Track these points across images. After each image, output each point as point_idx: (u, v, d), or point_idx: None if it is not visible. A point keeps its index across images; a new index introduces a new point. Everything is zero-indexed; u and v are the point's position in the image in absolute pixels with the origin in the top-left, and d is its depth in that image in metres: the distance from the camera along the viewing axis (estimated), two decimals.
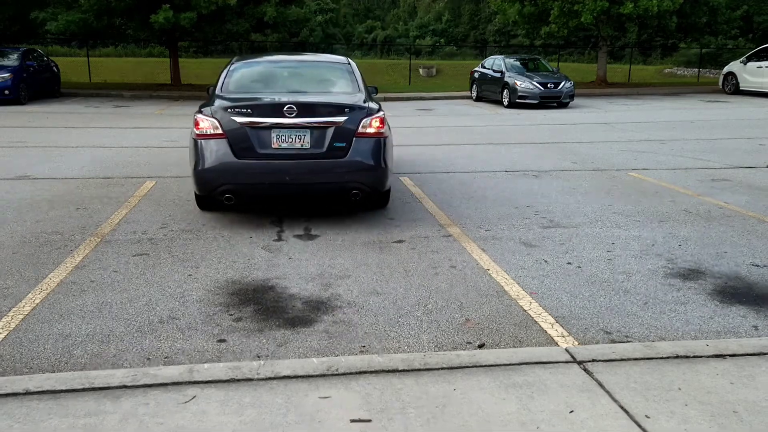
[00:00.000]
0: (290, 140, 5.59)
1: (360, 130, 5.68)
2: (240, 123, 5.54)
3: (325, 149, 5.62)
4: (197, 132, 5.69)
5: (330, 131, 5.62)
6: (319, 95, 6.29)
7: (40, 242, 5.42)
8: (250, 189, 5.78)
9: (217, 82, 6.42)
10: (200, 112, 5.78)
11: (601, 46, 25.89)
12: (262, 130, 5.56)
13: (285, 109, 5.52)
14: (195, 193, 6.28)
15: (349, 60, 7.11)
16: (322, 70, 7.03)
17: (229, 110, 5.60)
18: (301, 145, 5.60)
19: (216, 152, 5.57)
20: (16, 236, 5.58)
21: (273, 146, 5.58)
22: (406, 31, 58.39)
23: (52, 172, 8.43)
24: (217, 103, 5.78)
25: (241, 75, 6.55)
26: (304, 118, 5.56)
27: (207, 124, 5.62)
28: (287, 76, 6.76)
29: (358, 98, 6.07)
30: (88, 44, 27.96)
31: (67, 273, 4.69)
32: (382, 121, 5.85)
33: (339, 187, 5.79)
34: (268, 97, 6.04)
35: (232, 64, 6.75)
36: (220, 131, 5.58)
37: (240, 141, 5.55)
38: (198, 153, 5.66)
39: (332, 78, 6.72)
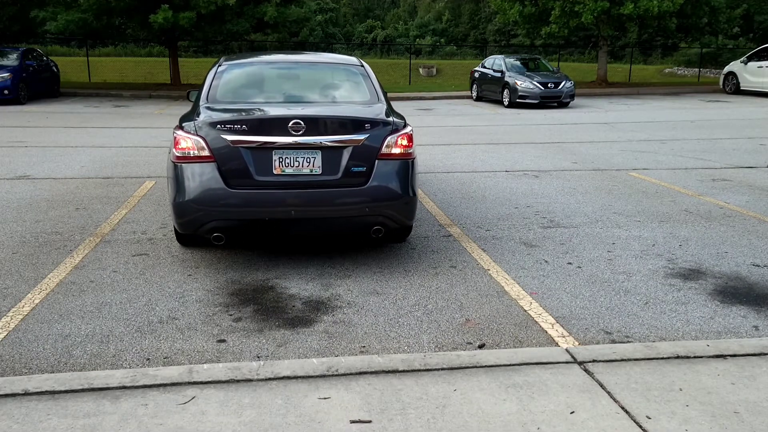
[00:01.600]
0: (296, 164, 4.51)
1: (383, 150, 4.64)
2: (232, 142, 4.44)
3: (340, 175, 4.56)
4: (177, 153, 4.56)
5: (346, 152, 4.56)
6: (331, 106, 5.20)
7: (40, 242, 5.41)
8: (246, 226, 4.67)
9: (201, 87, 5.26)
10: (180, 127, 4.70)
11: (602, 46, 25.89)
12: (261, 151, 4.47)
13: (290, 124, 4.46)
14: (175, 230, 5.17)
15: (362, 61, 5.89)
16: (330, 73, 5.83)
17: (219, 126, 4.49)
18: (311, 170, 4.53)
19: (202, 179, 4.46)
20: (16, 236, 5.58)
21: (275, 172, 4.49)
22: (406, 31, 58.37)
23: (52, 172, 8.43)
24: (203, 116, 4.64)
25: (231, 79, 5.35)
26: (314, 136, 4.50)
27: (189, 143, 4.51)
28: (289, 82, 5.63)
29: (379, 110, 4.98)
30: (88, 44, 27.97)
31: (66, 273, 4.68)
32: (410, 138, 4.82)
33: (358, 222, 4.70)
34: (267, 109, 4.90)
35: (220, 65, 5.49)
36: (206, 153, 4.47)
37: (232, 165, 4.46)
38: (178, 180, 4.54)
39: (344, 84, 5.58)
